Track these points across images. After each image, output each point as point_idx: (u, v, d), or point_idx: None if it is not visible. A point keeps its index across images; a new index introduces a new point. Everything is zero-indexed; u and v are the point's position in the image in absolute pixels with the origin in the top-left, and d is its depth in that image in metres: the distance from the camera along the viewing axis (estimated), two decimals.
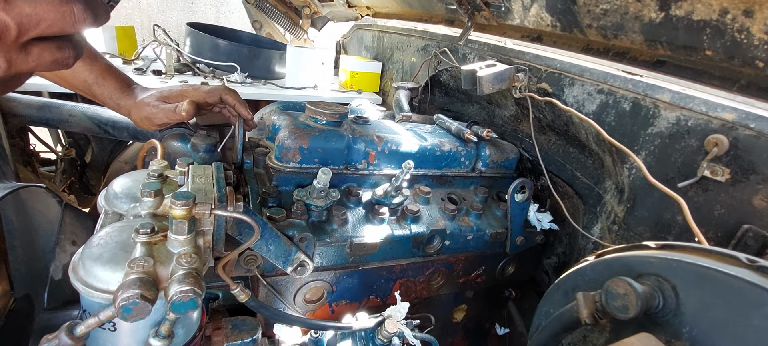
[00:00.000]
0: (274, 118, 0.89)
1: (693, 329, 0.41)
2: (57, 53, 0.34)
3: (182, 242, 0.53)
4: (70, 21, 0.32)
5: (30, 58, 0.32)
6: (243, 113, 0.87)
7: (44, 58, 0.33)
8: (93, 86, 0.78)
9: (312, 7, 2.26)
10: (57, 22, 0.32)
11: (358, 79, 1.83)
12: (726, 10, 0.61)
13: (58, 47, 0.34)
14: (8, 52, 0.30)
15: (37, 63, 0.33)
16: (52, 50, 0.34)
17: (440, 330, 1.01)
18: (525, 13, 1.02)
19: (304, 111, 0.86)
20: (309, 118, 0.84)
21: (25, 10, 0.30)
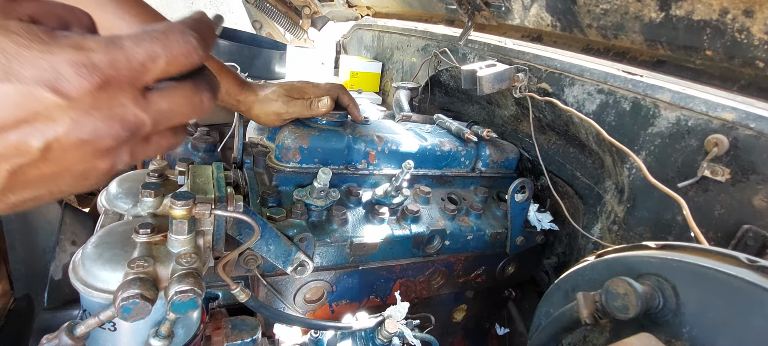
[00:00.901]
0: None
1: (693, 329, 0.41)
2: (173, 140, 0.33)
3: (182, 242, 0.53)
4: (198, 111, 0.31)
5: (150, 147, 0.31)
6: (355, 115, 0.87)
7: (162, 146, 0.32)
8: None
9: (312, 7, 2.26)
10: (187, 115, 0.31)
11: (358, 79, 1.83)
12: (726, 10, 0.61)
13: (175, 133, 0.33)
14: (135, 145, 0.30)
15: (156, 151, 0.32)
16: (169, 138, 0.33)
17: (440, 330, 1.01)
18: (525, 13, 1.02)
19: None
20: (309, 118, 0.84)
21: (162, 107, 0.29)
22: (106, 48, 0.25)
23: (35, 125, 0.25)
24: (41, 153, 0.26)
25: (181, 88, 0.30)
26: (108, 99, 0.26)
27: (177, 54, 0.28)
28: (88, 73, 0.25)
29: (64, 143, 0.26)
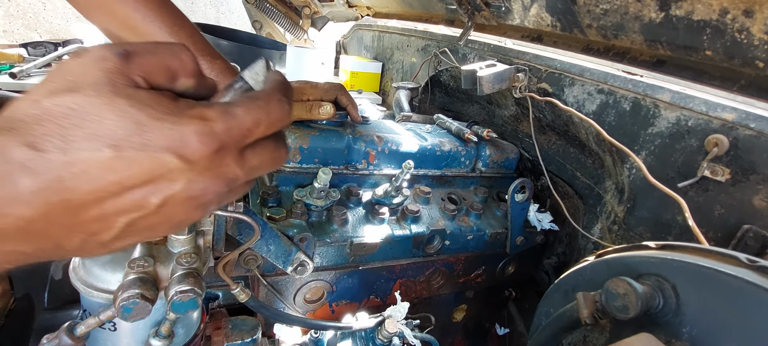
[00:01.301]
0: None
1: (693, 329, 0.41)
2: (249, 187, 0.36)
3: (182, 242, 0.53)
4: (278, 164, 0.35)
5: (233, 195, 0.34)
6: (354, 116, 0.87)
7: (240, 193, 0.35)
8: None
9: (312, 7, 2.26)
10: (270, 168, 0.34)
11: (358, 79, 1.83)
12: (726, 10, 0.61)
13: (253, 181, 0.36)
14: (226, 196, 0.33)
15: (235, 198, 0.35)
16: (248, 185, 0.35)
17: (440, 330, 1.01)
18: (525, 13, 1.02)
19: None
20: None
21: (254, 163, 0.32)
22: (222, 117, 0.29)
23: (158, 185, 0.28)
24: (157, 208, 0.29)
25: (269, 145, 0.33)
26: (218, 161, 0.29)
27: (275, 120, 0.31)
28: (209, 141, 0.28)
29: (177, 199, 0.29)
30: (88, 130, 0.25)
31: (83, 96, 0.26)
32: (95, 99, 0.26)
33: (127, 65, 0.27)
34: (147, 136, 0.26)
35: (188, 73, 0.31)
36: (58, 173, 0.25)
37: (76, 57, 0.27)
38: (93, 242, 0.29)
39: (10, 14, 3.13)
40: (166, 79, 0.30)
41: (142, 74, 0.28)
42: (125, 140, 0.26)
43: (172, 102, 0.28)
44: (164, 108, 0.27)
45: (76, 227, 0.28)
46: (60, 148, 0.25)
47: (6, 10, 3.10)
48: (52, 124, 0.25)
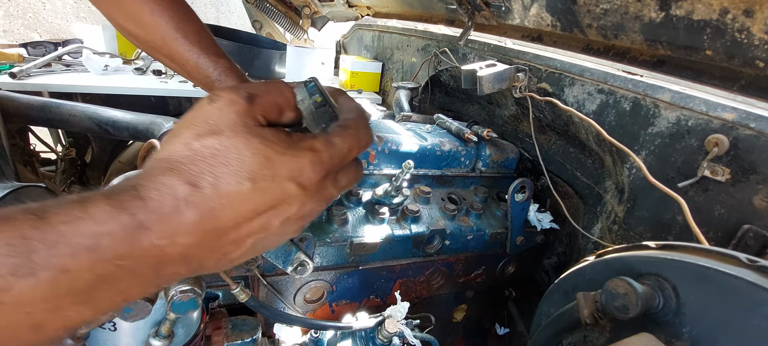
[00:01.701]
0: None
1: (693, 329, 0.41)
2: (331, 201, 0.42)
3: None
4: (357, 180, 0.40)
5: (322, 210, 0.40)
6: None
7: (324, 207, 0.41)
8: (215, 83, 0.78)
9: (312, 7, 2.25)
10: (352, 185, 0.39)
11: (358, 79, 1.83)
12: (726, 9, 0.61)
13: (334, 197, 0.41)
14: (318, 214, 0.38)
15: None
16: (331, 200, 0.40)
17: (440, 330, 1.01)
18: (525, 12, 1.02)
19: None
20: None
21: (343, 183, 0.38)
22: (327, 148, 0.34)
23: (280, 209, 0.33)
24: (277, 228, 0.34)
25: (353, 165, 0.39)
26: (323, 184, 0.35)
27: (363, 145, 0.37)
28: (319, 169, 0.33)
29: (291, 219, 0.34)
30: (232, 167, 0.30)
31: (225, 137, 0.30)
32: (234, 139, 0.31)
33: (251, 107, 0.32)
34: (275, 169, 0.31)
35: (290, 107, 0.37)
36: (211, 205, 0.30)
37: (211, 102, 0.32)
38: (224, 260, 0.33)
39: (10, 14, 3.13)
40: (276, 114, 0.35)
41: (263, 113, 0.33)
42: (259, 173, 0.31)
43: (288, 137, 0.33)
44: (284, 143, 0.32)
45: (217, 248, 0.32)
46: (212, 184, 0.30)
47: (6, 10, 3.11)
48: (203, 164, 0.30)
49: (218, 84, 0.80)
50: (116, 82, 1.57)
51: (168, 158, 0.30)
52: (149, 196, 0.28)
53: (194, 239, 0.30)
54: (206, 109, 0.31)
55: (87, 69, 1.62)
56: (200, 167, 0.30)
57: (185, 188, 0.29)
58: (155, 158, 0.30)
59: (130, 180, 0.29)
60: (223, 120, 0.31)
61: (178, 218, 0.29)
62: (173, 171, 0.29)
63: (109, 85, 1.52)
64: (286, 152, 0.32)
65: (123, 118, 1.49)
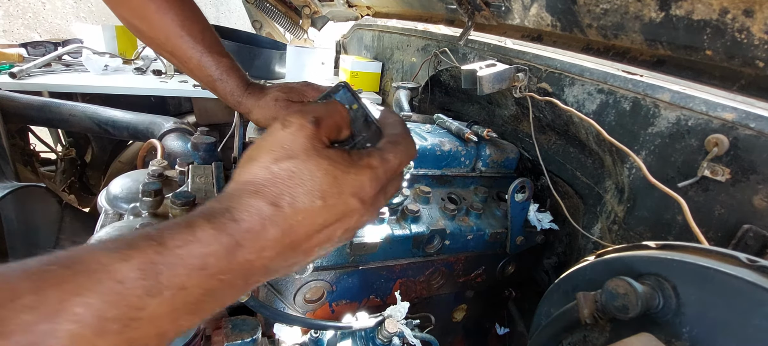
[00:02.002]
0: None
1: (693, 329, 0.41)
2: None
3: None
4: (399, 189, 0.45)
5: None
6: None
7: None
8: (217, 82, 0.79)
9: (312, 7, 2.25)
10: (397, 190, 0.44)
11: (358, 79, 1.83)
12: (726, 9, 0.61)
13: None
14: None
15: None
16: None
17: (440, 330, 1.01)
18: (525, 12, 1.02)
19: None
20: None
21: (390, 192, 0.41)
22: (382, 163, 0.38)
23: (343, 221, 0.37)
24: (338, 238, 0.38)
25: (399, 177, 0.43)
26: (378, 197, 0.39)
27: (410, 158, 0.42)
28: (377, 185, 0.38)
29: (350, 229, 0.39)
30: (306, 187, 0.34)
31: (299, 161, 0.34)
32: (307, 162, 0.35)
33: (318, 130, 0.36)
34: (340, 187, 0.35)
35: (347, 126, 0.41)
36: (290, 222, 0.34)
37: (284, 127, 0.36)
38: (294, 268, 0.38)
39: (10, 14, 3.13)
40: (336, 134, 0.39)
41: (326, 134, 0.37)
42: (328, 191, 0.35)
43: (350, 157, 0.37)
44: (347, 162, 0.36)
45: (291, 258, 0.36)
46: (290, 203, 0.34)
47: (6, 9, 3.10)
48: (282, 185, 0.34)
49: (219, 83, 0.80)
50: (116, 82, 1.57)
51: (253, 181, 0.34)
52: (242, 217, 0.32)
53: (275, 252, 0.34)
54: (280, 135, 0.35)
55: (87, 69, 1.62)
56: (280, 189, 0.34)
57: (269, 208, 0.33)
58: (240, 180, 0.35)
59: (222, 202, 0.33)
60: (296, 144, 0.35)
61: (265, 235, 0.33)
62: (258, 193, 0.33)
63: (109, 85, 1.52)
64: (349, 171, 0.36)
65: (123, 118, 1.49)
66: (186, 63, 0.77)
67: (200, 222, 0.31)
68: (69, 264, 0.25)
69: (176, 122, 1.43)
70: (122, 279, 0.26)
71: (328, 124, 0.38)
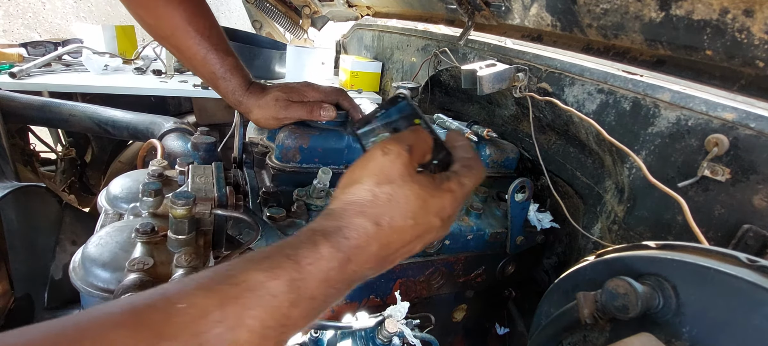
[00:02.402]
0: None
1: (693, 328, 0.41)
2: None
3: (182, 241, 0.53)
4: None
5: None
6: (356, 118, 0.86)
7: None
8: (219, 80, 0.79)
9: (312, 7, 2.25)
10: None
11: (358, 79, 1.83)
12: (726, 9, 0.61)
13: None
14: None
15: None
16: None
17: (440, 330, 1.01)
18: (525, 12, 1.02)
19: None
20: None
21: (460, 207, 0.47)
22: (460, 187, 0.44)
23: (425, 236, 0.43)
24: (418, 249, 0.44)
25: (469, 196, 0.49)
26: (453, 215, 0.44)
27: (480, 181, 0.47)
28: (456, 206, 0.44)
29: (427, 241, 0.44)
30: (401, 208, 0.40)
31: (396, 185, 0.40)
32: (403, 187, 0.40)
33: (411, 157, 0.42)
34: (427, 208, 0.41)
35: (429, 152, 0.46)
36: (387, 239, 0.39)
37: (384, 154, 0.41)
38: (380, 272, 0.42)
39: (10, 14, 3.13)
40: (422, 159, 0.45)
41: (417, 160, 0.43)
42: (418, 212, 0.41)
43: (434, 180, 0.43)
44: (433, 186, 0.42)
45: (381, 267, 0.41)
46: (388, 222, 0.39)
47: (6, 9, 3.10)
48: (383, 207, 0.39)
49: (222, 81, 0.80)
50: (116, 81, 1.57)
51: (358, 202, 0.40)
52: (351, 235, 0.38)
53: (373, 263, 0.40)
54: (381, 161, 0.41)
55: (87, 69, 1.62)
56: (381, 210, 0.39)
57: (372, 227, 0.39)
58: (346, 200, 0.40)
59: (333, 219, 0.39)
60: (394, 171, 0.41)
61: (368, 249, 0.38)
62: (363, 214, 0.39)
63: (109, 85, 1.52)
64: (434, 194, 0.42)
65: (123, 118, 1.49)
66: (191, 59, 0.77)
67: (321, 241, 0.36)
68: (235, 282, 0.31)
69: (176, 122, 1.43)
70: (276, 294, 0.31)
71: (417, 152, 0.43)
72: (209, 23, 0.76)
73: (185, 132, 1.40)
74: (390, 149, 0.41)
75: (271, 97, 0.80)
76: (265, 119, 0.80)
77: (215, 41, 0.76)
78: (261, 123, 0.82)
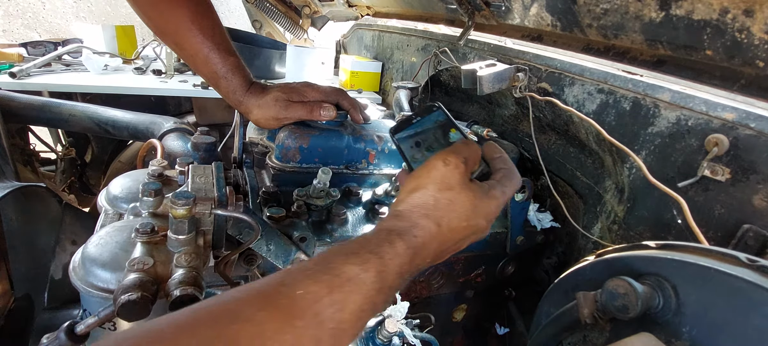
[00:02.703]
0: None
1: (693, 328, 0.41)
2: None
3: (182, 241, 0.53)
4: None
5: None
6: (357, 118, 0.87)
7: None
8: (221, 79, 0.79)
9: (312, 7, 2.25)
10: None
11: (358, 79, 1.83)
12: (726, 9, 0.61)
13: None
14: None
15: None
16: None
17: (440, 330, 1.01)
18: (525, 12, 1.02)
19: None
20: None
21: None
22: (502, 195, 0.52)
23: (471, 236, 0.51)
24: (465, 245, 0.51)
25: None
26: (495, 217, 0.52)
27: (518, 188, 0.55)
28: (498, 209, 0.51)
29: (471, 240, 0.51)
30: (457, 212, 0.47)
31: (455, 192, 0.48)
32: (460, 193, 0.48)
33: (466, 168, 0.49)
34: (477, 212, 0.49)
35: (478, 161, 0.53)
36: (445, 237, 0.47)
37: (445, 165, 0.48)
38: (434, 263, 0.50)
39: (10, 14, 3.13)
40: (472, 168, 0.52)
41: (470, 170, 0.51)
42: (470, 216, 0.48)
43: (482, 188, 0.50)
44: (482, 193, 0.50)
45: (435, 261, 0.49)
46: (447, 224, 0.47)
47: (6, 9, 3.10)
48: (443, 210, 0.47)
49: (224, 81, 0.80)
50: (116, 81, 1.57)
51: (423, 206, 0.47)
52: (418, 234, 0.45)
53: (432, 258, 0.47)
54: (443, 170, 0.48)
55: (87, 69, 1.62)
56: (441, 213, 0.47)
57: (434, 227, 0.46)
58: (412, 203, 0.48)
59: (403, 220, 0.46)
60: (454, 179, 0.48)
61: (430, 247, 0.46)
62: (428, 216, 0.46)
63: (109, 85, 1.52)
64: (482, 200, 0.49)
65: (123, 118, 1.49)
66: (193, 57, 0.77)
67: (397, 240, 0.43)
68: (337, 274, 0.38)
69: (176, 122, 1.43)
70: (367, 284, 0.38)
71: (470, 162, 0.50)
72: (212, 22, 0.76)
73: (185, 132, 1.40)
74: (450, 161, 0.49)
75: (271, 97, 0.79)
76: (265, 119, 0.80)
77: (218, 40, 0.76)
78: (261, 123, 0.82)
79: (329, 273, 0.37)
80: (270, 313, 0.32)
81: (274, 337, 0.31)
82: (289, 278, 0.36)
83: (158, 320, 0.30)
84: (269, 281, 0.36)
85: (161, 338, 0.28)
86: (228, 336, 0.29)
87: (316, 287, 0.35)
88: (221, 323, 0.30)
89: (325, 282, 0.36)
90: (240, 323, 0.30)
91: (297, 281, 0.36)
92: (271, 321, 0.32)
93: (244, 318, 0.31)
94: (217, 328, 0.30)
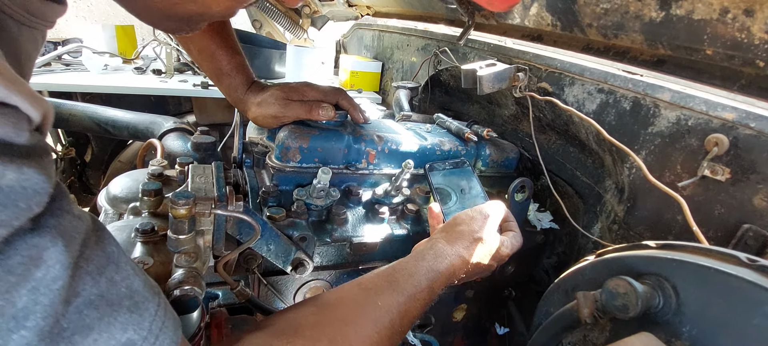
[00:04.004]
0: None
1: (693, 328, 0.41)
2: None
3: (182, 241, 0.52)
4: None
5: None
6: (356, 118, 0.87)
7: None
8: (224, 76, 0.79)
9: (312, 7, 2.25)
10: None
11: (358, 79, 1.83)
12: (726, 9, 0.61)
13: None
14: None
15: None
16: None
17: (440, 330, 1.01)
18: (525, 12, 1.02)
19: None
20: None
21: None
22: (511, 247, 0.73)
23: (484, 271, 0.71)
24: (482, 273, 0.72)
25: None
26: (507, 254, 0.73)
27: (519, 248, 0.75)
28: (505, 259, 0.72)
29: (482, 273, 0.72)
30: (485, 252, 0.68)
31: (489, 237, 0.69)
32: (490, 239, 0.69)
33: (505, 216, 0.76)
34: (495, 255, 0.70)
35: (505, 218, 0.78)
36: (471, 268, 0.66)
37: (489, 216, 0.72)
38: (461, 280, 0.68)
39: None
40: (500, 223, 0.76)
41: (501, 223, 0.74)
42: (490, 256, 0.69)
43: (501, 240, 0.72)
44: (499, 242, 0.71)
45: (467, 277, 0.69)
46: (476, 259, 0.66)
47: None
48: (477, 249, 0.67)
49: (227, 78, 0.80)
50: (116, 81, 1.56)
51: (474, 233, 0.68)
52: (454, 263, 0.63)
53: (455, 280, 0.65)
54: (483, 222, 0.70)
55: (87, 68, 1.62)
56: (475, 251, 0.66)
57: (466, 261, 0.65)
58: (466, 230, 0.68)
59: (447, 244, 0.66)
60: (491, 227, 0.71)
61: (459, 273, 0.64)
62: (477, 241, 0.67)
63: (109, 85, 1.52)
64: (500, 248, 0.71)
65: (123, 117, 1.49)
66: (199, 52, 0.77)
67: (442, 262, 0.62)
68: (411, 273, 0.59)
69: (176, 122, 1.43)
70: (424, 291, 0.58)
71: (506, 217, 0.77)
72: (219, 20, 0.76)
73: (185, 132, 1.40)
74: (495, 212, 0.73)
75: (269, 95, 0.79)
76: (264, 117, 0.80)
77: (225, 38, 0.77)
78: (259, 121, 0.82)
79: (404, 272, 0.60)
80: (396, 294, 0.56)
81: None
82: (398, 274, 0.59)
83: (322, 296, 0.55)
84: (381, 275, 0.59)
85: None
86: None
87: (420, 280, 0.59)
88: (372, 292, 0.55)
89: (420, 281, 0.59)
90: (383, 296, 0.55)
91: (412, 279, 0.59)
92: (405, 297, 0.56)
93: (392, 290, 0.56)
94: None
